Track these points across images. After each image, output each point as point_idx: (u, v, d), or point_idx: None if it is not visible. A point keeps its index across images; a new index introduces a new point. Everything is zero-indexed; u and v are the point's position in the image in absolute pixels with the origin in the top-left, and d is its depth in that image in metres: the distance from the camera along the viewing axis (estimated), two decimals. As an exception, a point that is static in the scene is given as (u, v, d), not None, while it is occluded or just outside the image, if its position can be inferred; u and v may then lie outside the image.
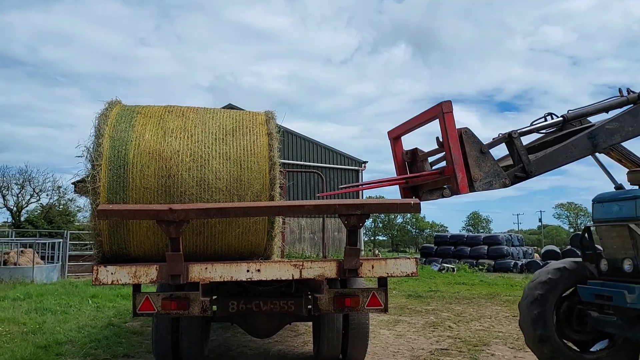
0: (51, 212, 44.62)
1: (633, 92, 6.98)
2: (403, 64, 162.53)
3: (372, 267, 6.03)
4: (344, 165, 34.53)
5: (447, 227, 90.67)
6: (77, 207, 48.65)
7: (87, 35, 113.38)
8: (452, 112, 6.36)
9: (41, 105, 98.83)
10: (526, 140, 7.16)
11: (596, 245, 7.42)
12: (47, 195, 46.97)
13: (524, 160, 6.58)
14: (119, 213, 5.53)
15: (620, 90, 7.12)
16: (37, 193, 46.31)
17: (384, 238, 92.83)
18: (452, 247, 33.73)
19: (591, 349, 7.58)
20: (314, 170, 12.71)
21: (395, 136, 7.70)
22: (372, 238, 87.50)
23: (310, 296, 6.74)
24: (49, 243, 23.73)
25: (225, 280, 5.83)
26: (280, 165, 6.33)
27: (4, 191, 45.64)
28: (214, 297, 6.76)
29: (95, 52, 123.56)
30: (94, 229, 6.07)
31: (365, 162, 35.91)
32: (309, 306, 6.72)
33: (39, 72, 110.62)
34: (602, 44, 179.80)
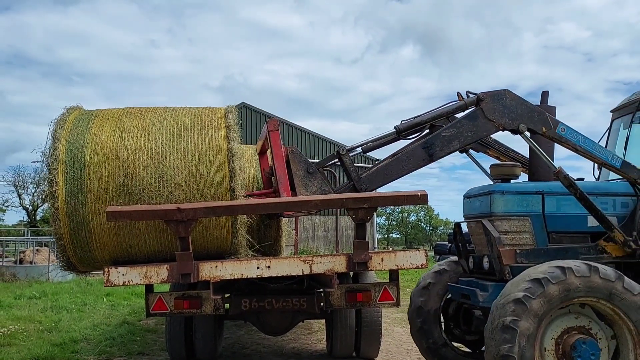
0: (67, 211, 44.88)
1: (473, 94, 6.53)
2: (414, 63, 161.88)
3: (382, 260, 6.02)
4: (356, 162, 34.41)
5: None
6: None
7: (102, 35, 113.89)
8: (277, 130, 6.30)
9: (57, 105, 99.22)
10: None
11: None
12: (63, 194, 47.28)
13: (353, 177, 6.35)
14: (128, 214, 5.53)
15: (459, 94, 6.66)
16: (52, 192, 46.65)
17: (397, 236, 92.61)
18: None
19: (483, 349, 7.39)
20: (327, 168, 12.67)
21: (259, 151, 7.65)
22: (386, 236, 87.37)
23: (322, 293, 6.75)
24: (64, 242, 23.85)
25: (236, 277, 5.83)
26: (239, 157, 6.28)
27: (19, 190, 46.11)
28: (227, 295, 6.79)
29: (110, 51, 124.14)
30: (55, 234, 6.05)
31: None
32: (321, 303, 6.73)
33: (54, 72, 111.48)
34: (616, 40, 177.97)
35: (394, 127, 6.58)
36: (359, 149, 6.71)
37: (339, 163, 6.57)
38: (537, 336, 5.29)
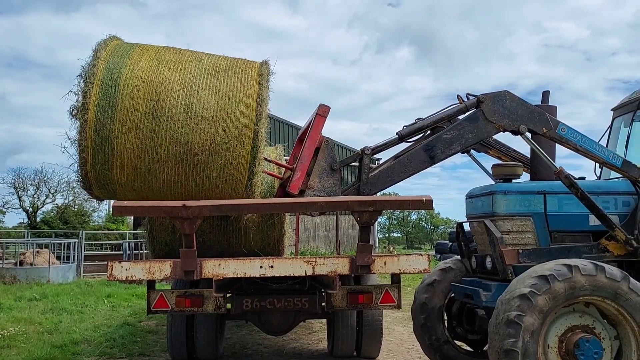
0: (66, 213, 44.85)
1: (473, 96, 6.56)
2: (411, 64, 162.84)
3: (385, 263, 6.02)
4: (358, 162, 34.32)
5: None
6: (92, 207, 49.03)
7: (103, 38, 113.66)
8: (325, 117, 6.35)
9: (58, 106, 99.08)
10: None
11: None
12: (62, 195, 47.32)
13: (363, 179, 6.38)
14: (134, 209, 5.58)
15: (459, 97, 6.69)
16: (52, 194, 46.62)
17: (398, 235, 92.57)
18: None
19: (484, 348, 7.28)
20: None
21: (300, 137, 7.66)
22: (387, 235, 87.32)
23: (323, 293, 6.74)
24: (64, 243, 23.85)
25: (239, 276, 5.83)
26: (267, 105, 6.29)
27: (19, 192, 45.99)
28: (228, 295, 6.78)
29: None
30: (79, 145, 6.03)
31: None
32: (323, 303, 6.73)
33: (55, 73, 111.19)
34: (615, 39, 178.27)
35: (397, 133, 6.60)
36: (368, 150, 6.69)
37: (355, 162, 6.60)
38: (541, 332, 5.32)
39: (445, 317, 7.41)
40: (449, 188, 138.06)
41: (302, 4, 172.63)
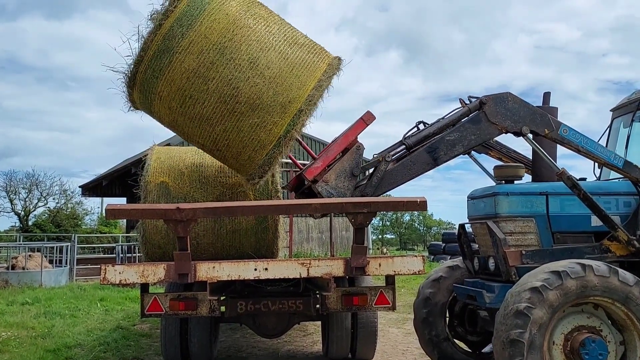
0: (59, 216, 44.73)
1: (475, 98, 6.57)
2: (401, 66, 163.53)
3: (379, 265, 6.00)
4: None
5: (454, 225, 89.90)
6: (84, 210, 48.89)
7: (96, 40, 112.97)
8: (367, 124, 6.42)
9: (51, 110, 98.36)
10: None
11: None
12: (54, 199, 47.16)
13: (372, 182, 6.37)
14: (127, 212, 5.55)
15: (461, 100, 6.70)
16: (44, 197, 46.47)
17: (392, 236, 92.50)
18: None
19: (483, 350, 7.44)
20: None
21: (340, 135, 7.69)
22: (380, 236, 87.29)
23: (318, 295, 6.72)
24: (56, 247, 23.69)
25: (233, 279, 5.80)
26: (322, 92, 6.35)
27: (11, 195, 45.82)
28: (222, 297, 6.75)
29: (104, 56, 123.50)
30: (145, 42, 6.19)
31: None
32: (317, 305, 6.70)
33: (49, 77, 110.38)
34: (606, 40, 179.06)
35: (403, 144, 6.59)
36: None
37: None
38: (548, 327, 5.33)
39: (447, 315, 7.42)
40: (442, 189, 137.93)
41: (290, 8, 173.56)
